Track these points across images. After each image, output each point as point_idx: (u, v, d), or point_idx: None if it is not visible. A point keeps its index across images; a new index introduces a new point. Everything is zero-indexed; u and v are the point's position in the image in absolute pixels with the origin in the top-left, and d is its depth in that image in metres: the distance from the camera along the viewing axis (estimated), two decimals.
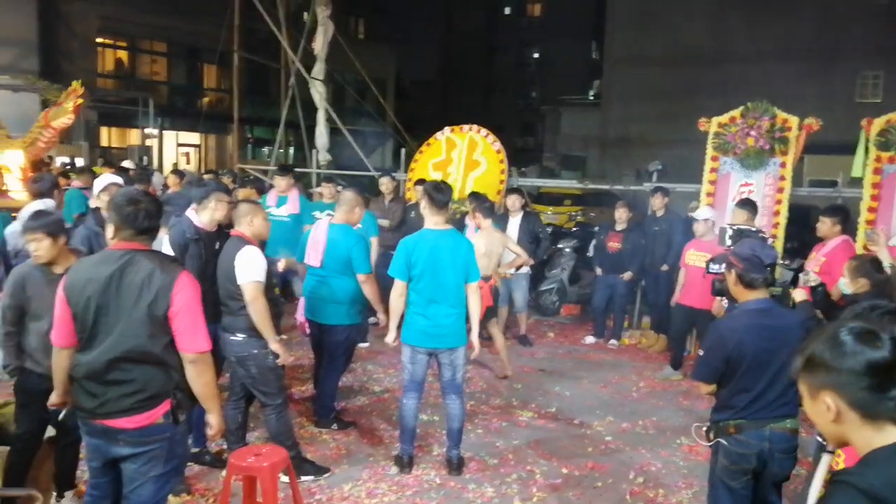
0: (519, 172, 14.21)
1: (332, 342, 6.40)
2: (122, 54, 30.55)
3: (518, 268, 9.49)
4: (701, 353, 4.09)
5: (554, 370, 8.76)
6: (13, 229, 6.54)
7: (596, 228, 12.07)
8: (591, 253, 10.99)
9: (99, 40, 28.78)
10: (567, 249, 11.87)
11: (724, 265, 4.45)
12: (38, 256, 4.48)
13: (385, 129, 26.37)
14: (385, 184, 10.42)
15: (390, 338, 5.71)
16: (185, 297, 3.50)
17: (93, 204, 6.73)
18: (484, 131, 11.50)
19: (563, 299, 11.57)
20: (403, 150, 13.13)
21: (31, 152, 12.20)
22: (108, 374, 3.51)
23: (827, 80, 28.01)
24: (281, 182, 9.74)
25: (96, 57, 28.72)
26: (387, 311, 5.79)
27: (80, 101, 11.74)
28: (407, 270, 5.48)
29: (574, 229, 15.65)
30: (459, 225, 8.73)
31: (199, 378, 3.56)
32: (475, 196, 9.11)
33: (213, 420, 3.70)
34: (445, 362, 5.60)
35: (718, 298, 6.12)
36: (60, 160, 19.66)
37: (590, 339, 10.07)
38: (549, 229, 12.01)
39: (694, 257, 8.27)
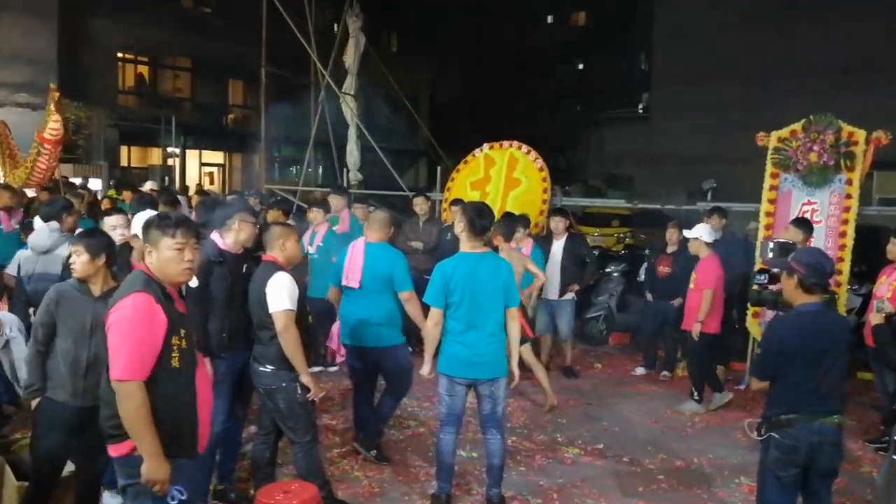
0: (562, 191, 14.23)
1: (392, 365, 6.51)
2: (144, 70, 31.14)
3: (563, 293, 9.48)
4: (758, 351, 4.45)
5: (601, 403, 8.70)
6: (26, 255, 6.68)
7: (646, 251, 12.00)
8: (640, 277, 10.92)
9: (120, 55, 29.37)
10: (615, 274, 11.82)
11: (776, 272, 5.03)
12: (73, 269, 4.70)
13: (419, 146, 26.55)
14: (419, 204, 10.47)
15: (426, 369, 5.72)
16: (116, 316, 3.56)
17: (121, 238, 5.88)
18: (525, 148, 11.52)
19: (611, 327, 11.50)
20: (439, 169, 13.20)
21: (36, 177, 12.37)
22: (98, 396, 3.76)
23: (894, 92, 27.63)
24: (339, 202, 9.80)
25: (117, 73, 29.30)
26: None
27: (56, 94, 11.79)
28: (444, 297, 5.51)
29: (622, 252, 15.55)
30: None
31: (120, 408, 3.53)
32: (506, 216, 9.14)
33: (145, 468, 3.55)
34: (485, 394, 5.60)
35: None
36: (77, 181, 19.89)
37: (640, 371, 9.99)
38: (596, 252, 12.00)
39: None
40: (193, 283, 5.20)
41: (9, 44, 24.28)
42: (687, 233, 8.57)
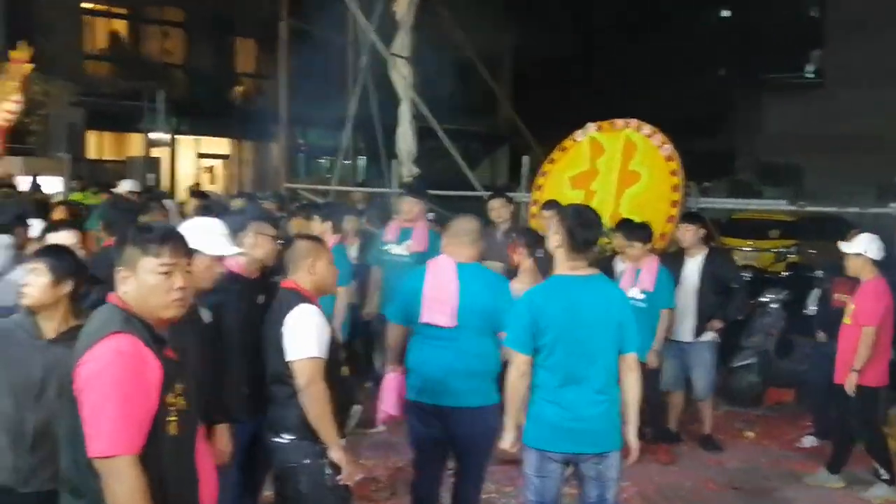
0: (699, 189, 14.18)
1: (479, 433, 6.35)
2: (120, 26, 31.61)
3: (700, 333, 9.43)
4: None
5: (755, 487, 8.60)
6: None
7: (818, 273, 11.86)
8: (810, 310, 10.81)
9: (86, 6, 29.88)
10: (773, 305, 11.70)
11: None
12: (25, 295, 4.63)
13: (498, 128, 26.65)
14: (497, 208, 10.51)
15: (508, 440, 5.69)
16: (91, 369, 3.51)
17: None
18: (646, 128, 11.53)
19: (768, 380, 11.38)
20: (525, 159, 13.27)
21: None
22: (54, 479, 3.84)
23: None
24: (414, 208, 9.92)
25: (83, 32, 29.80)
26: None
27: (28, 67, 11.81)
28: (532, 338, 5.47)
29: (784, 274, 15.40)
30: (607, 267, 8.79)
31: (108, 496, 3.48)
32: (621, 224, 9.12)
33: None
34: (590, 475, 5.53)
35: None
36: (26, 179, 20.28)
37: (809, 441, 9.87)
38: (747, 275, 11.86)
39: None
40: (205, 317, 5.32)
41: None
42: (845, 246, 8.49)
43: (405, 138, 15.92)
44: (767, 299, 11.84)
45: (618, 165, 11.47)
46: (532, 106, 26.79)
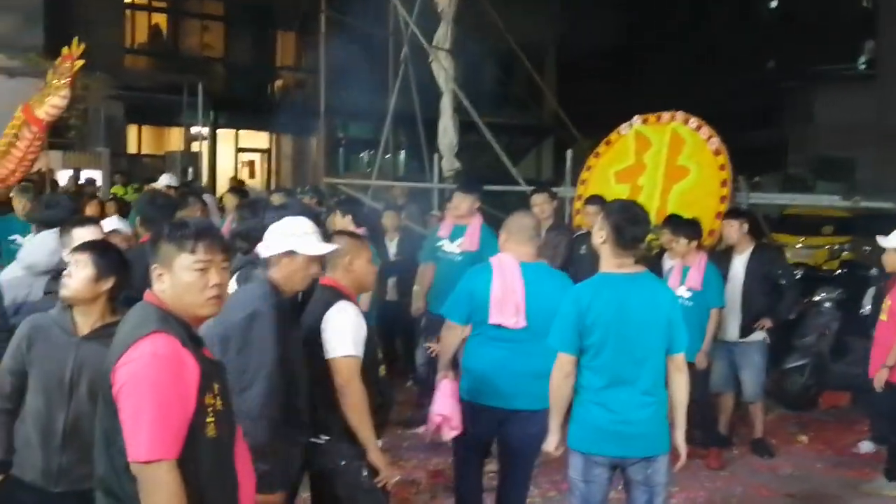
0: (749, 184, 13.99)
1: (533, 435, 6.22)
2: (161, 20, 31.89)
3: (748, 332, 9.29)
4: None
5: (808, 494, 8.48)
6: (12, 274, 6.84)
7: (873, 271, 11.68)
8: (865, 309, 10.64)
9: (128, 0, 30.18)
10: (827, 304, 11.55)
11: None
12: (65, 287, 4.63)
13: (542, 121, 26.57)
14: (540, 204, 10.40)
15: (552, 442, 5.67)
16: (130, 371, 3.46)
17: None
18: (694, 121, 11.44)
19: (823, 382, 11.25)
20: (569, 153, 13.17)
21: (6, 167, 12.63)
22: (82, 479, 3.87)
23: None
24: (462, 204, 9.83)
25: (124, 26, 30.03)
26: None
27: (79, 63, 11.95)
28: (577, 337, 5.44)
29: (838, 272, 15.21)
30: (655, 265, 8.65)
31: (146, 502, 3.44)
32: (668, 220, 9.01)
33: None
34: (637, 479, 5.50)
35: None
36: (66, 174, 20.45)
37: (866, 446, 9.72)
38: (799, 273, 11.70)
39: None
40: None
41: None
42: (882, 241, 8.46)
43: (447, 132, 15.89)
44: (820, 298, 11.68)
45: (664, 160, 11.41)
46: (577, 98, 26.69)
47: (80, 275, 4.60)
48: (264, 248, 5.07)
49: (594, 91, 32.57)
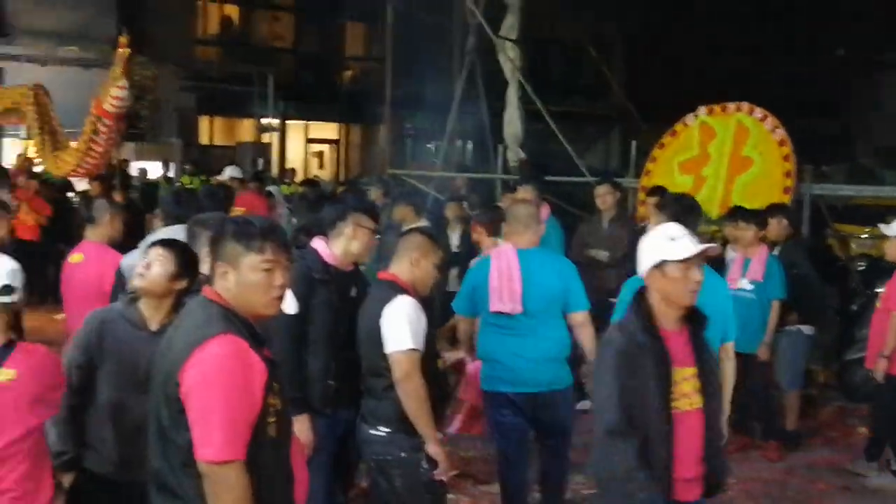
0: (815, 175, 13.78)
1: (561, 415, 6.51)
2: (232, 11, 32.08)
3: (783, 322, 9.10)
4: None
5: (867, 489, 8.29)
6: (134, 260, 6.69)
7: None
8: None
9: None
10: None
11: None
12: (141, 277, 4.66)
13: (609, 110, 26.39)
14: (602, 195, 10.33)
15: None
16: (200, 372, 3.46)
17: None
18: (759, 112, 11.30)
19: None
20: (634, 144, 13.05)
21: (89, 162, 12.79)
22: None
23: None
24: (524, 196, 9.70)
25: (196, 17, 30.37)
26: None
27: (127, 52, 12.06)
28: None
29: None
30: (718, 258, 8.56)
31: (215, 502, 3.46)
32: (733, 212, 8.93)
33: None
34: None
35: None
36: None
37: None
38: (862, 264, 11.52)
39: None
40: (291, 308, 5.30)
41: None
42: (885, 229, 8.39)
43: (512, 122, 15.83)
44: (883, 290, 11.46)
45: (729, 150, 11.29)
46: (643, 88, 26.46)
47: (159, 270, 4.65)
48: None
49: (661, 80, 32.28)
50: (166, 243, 4.79)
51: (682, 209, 5.65)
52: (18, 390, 4.21)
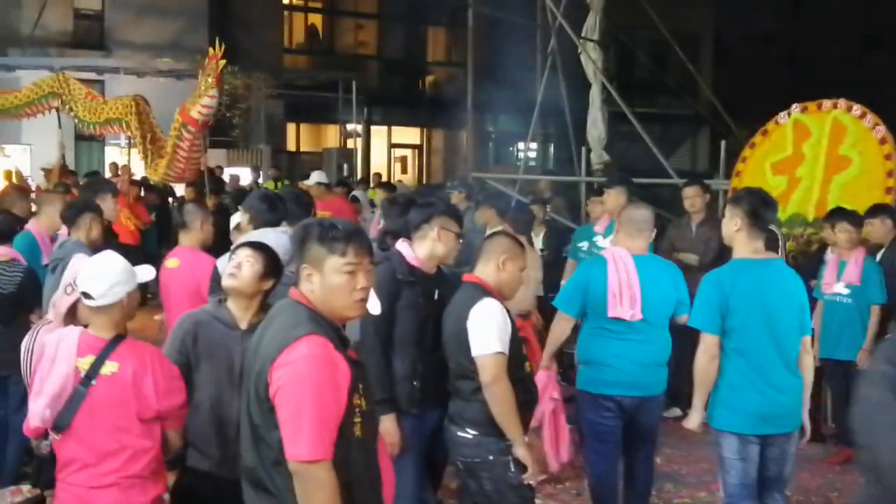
0: None
1: (657, 419, 6.70)
2: (317, 20, 32.48)
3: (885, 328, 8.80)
4: None
5: None
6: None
7: None
8: None
9: (286, 1, 30.90)
10: None
11: None
12: (232, 277, 4.76)
13: (697, 110, 26.01)
14: (691, 196, 10.13)
15: (695, 421, 5.88)
16: (290, 372, 3.54)
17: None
18: (857, 108, 10.96)
19: None
20: (723, 144, 12.77)
21: (176, 168, 12.87)
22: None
23: None
24: (608, 198, 9.63)
25: (282, 26, 30.83)
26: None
27: (222, 63, 12.17)
28: (720, 319, 5.66)
29: None
30: (815, 260, 8.58)
31: (306, 501, 3.54)
32: (833, 213, 8.79)
33: None
34: (776, 453, 5.80)
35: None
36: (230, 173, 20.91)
37: None
38: None
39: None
40: (375, 310, 5.23)
41: None
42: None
43: (595, 124, 15.69)
44: None
45: (825, 150, 11.01)
46: (733, 86, 26.12)
47: (249, 270, 4.77)
48: None
49: (751, 79, 31.81)
50: (254, 245, 4.91)
51: (759, 202, 5.68)
52: (122, 383, 4.29)
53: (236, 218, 7.49)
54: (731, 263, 5.78)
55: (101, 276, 4.39)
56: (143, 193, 16.27)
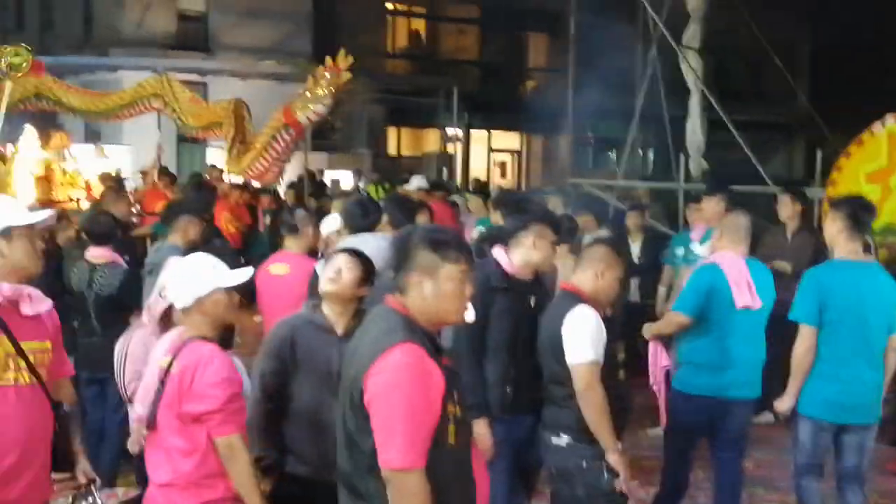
0: None
1: (746, 420, 6.67)
2: (419, 25, 32.57)
3: None
4: None
5: None
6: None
7: None
8: None
9: (390, 6, 31.05)
10: None
11: None
12: (332, 281, 4.82)
13: (794, 118, 25.75)
14: (787, 205, 10.06)
15: (786, 404, 6.12)
16: (384, 381, 3.50)
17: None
18: None
19: None
20: (819, 153, 12.69)
21: (258, 167, 12.97)
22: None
23: None
24: (706, 205, 9.52)
25: (385, 31, 30.95)
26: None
27: (346, 76, 12.22)
28: (819, 313, 5.93)
29: None
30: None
31: None
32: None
33: None
34: (851, 444, 6.09)
35: None
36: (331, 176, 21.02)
37: None
38: None
39: None
40: (470, 316, 5.30)
41: None
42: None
43: (694, 132, 15.61)
44: None
45: None
46: (830, 95, 25.64)
47: (349, 276, 4.83)
48: None
49: (848, 87, 31.19)
50: (352, 251, 4.97)
51: (859, 206, 6.04)
52: (173, 383, 4.25)
53: (329, 222, 7.57)
54: (830, 263, 6.16)
55: (179, 278, 4.40)
56: (255, 197, 16.16)
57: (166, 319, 4.79)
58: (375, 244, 6.46)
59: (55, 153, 14.23)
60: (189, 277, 4.39)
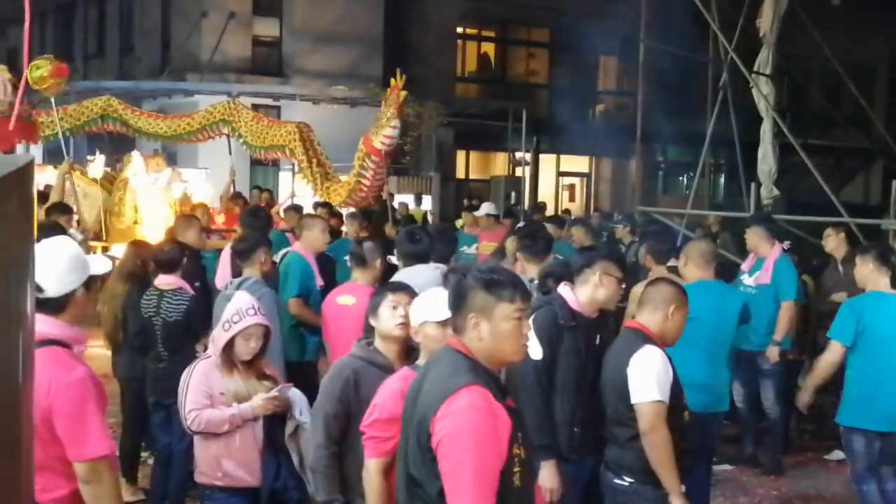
0: None
1: None
2: (489, 49, 32.64)
3: None
4: None
5: None
6: None
7: None
8: None
9: (460, 30, 31.09)
10: None
11: None
12: (403, 325, 4.78)
13: (871, 144, 25.34)
14: (830, 238, 10.21)
15: (804, 400, 7.33)
16: (452, 424, 3.48)
17: None
18: None
19: None
20: (895, 183, 12.47)
21: (358, 195, 13.11)
22: None
23: None
24: (750, 237, 9.58)
25: (455, 55, 31.04)
26: None
27: (403, 94, 12.31)
28: (853, 334, 6.85)
29: None
30: None
31: None
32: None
33: None
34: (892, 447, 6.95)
35: None
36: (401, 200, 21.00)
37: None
38: None
39: None
40: (537, 354, 5.28)
41: (322, 18, 26.53)
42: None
43: (766, 158, 15.34)
44: None
45: None
46: None
47: (412, 318, 4.74)
48: None
49: None
50: (404, 288, 5.00)
51: (884, 249, 7.32)
52: None
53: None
54: (868, 294, 7.08)
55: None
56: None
57: (228, 351, 4.92)
58: (427, 275, 6.57)
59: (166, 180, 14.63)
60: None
